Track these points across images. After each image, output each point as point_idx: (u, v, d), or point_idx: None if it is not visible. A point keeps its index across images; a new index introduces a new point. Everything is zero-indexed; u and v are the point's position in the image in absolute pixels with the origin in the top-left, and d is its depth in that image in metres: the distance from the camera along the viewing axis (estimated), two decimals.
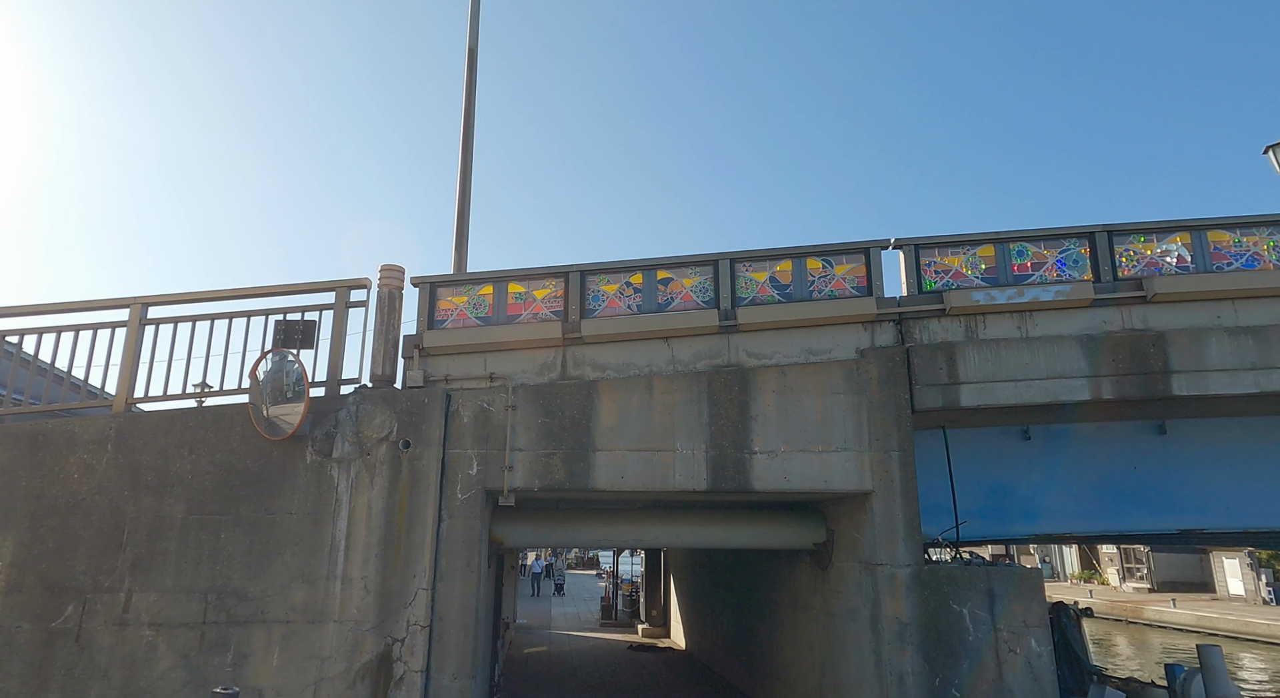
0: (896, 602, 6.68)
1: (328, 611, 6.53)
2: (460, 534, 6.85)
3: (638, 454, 7.15)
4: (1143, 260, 7.53)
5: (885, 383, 7.21)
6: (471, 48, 9.40)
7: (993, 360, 7.26)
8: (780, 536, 8.47)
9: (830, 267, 7.74)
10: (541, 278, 7.81)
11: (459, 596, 6.68)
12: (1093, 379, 7.13)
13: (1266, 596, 31.07)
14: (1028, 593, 6.60)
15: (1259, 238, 7.46)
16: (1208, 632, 26.33)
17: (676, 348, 7.61)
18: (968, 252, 7.71)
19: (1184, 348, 7.10)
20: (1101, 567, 41.79)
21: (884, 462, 7.03)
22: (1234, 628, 26.27)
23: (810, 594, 8.58)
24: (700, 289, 7.73)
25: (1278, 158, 10.14)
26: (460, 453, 7.08)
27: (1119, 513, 8.53)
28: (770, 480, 7.06)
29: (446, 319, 7.77)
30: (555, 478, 7.09)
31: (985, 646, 6.46)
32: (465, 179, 9.05)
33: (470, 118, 9.13)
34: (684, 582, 17.75)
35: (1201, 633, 26.02)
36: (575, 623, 22.98)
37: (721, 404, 7.23)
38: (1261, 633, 25.18)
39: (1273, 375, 6.96)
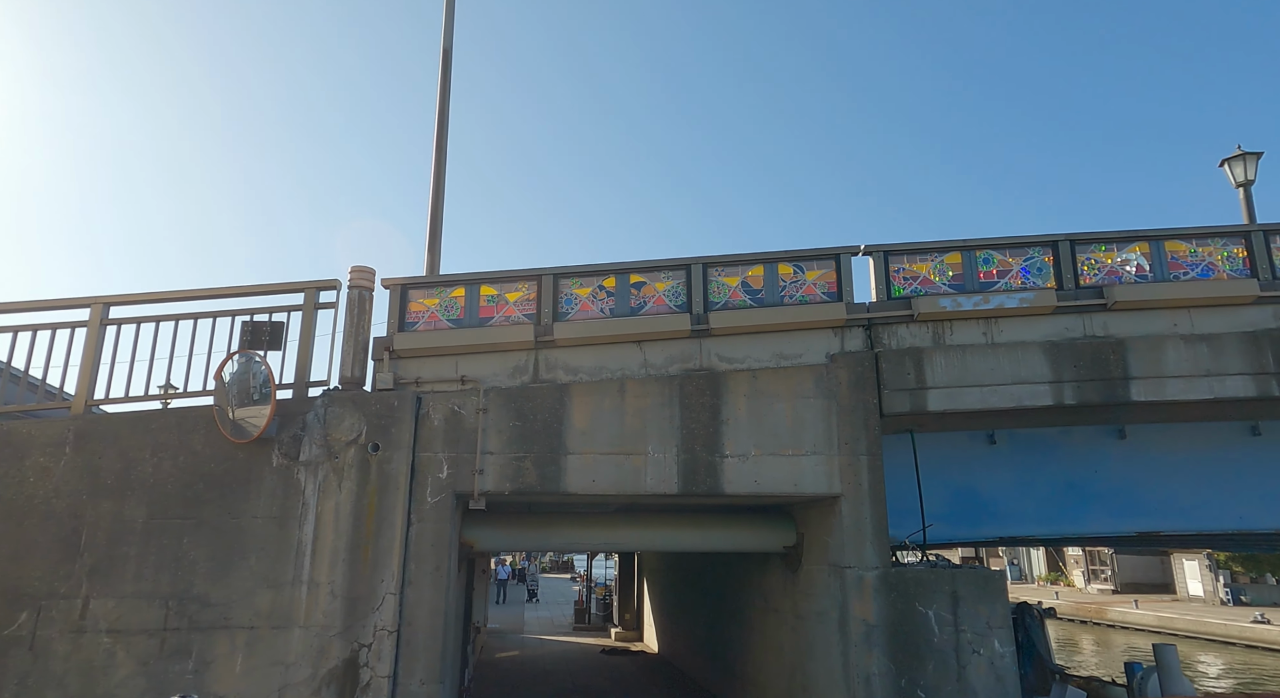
0: (864, 604, 6.76)
1: (293, 616, 6.44)
2: (430, 538, 6.79)
3: (609, 458, 7.15)
4: (1103, 269, 7.72)
5: (855, 387, 7.30)
6: (446, 47, 9.35)
7: (959, 366, 7.39)
8: (751, 539, 8.53)
9: (801, 272, 7.82)
10: (514, 280, 7.79)
11: (428, 600, 6.63)
12: (1055, 385, 7.29)
13: (1224, 596, 31.90)
14: (991, 595, 6.72)
15: (1213, 248, 7.69)
16: (1168, 632, 26.96)
17: (649, 351, 7.63)
18: (935, 259, 7.84)
19: (1142, 355, 7.28)
20: (1067, 569, 42.61)
21: (853, 465, 7.11)
22: (1192, 628, 26.93)
23: (781, 597, 8.65)
24: (673, 293, 7.77)
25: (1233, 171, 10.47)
26: (431, 456, 7.03)
27: (1081, 515, 8.72)
28: (741, 484, 7.11)
29: (418, 321, 7.72)
30: (527, 481, 7.07)
31: (950, 647, 6.57)
32: (439, 180, 9.00)
33: (444, 118, 9.08)
34: (657, 585, 17.77)
35: (1162, 633, 26.64)
36: (548, 627, 22.88)
37: (693, 408, 7.26)
38: (1218, 633, 25.85)
39: (1226, 382, 7.17)
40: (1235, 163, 10.79)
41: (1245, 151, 10.75)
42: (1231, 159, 10.83)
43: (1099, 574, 39.26)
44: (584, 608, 24.30)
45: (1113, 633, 29.25)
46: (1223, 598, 31.89)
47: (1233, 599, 31.51)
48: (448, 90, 9.19)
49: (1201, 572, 33.68)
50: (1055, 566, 43.94)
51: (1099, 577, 39.17)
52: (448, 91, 9.19)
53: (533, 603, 29.79)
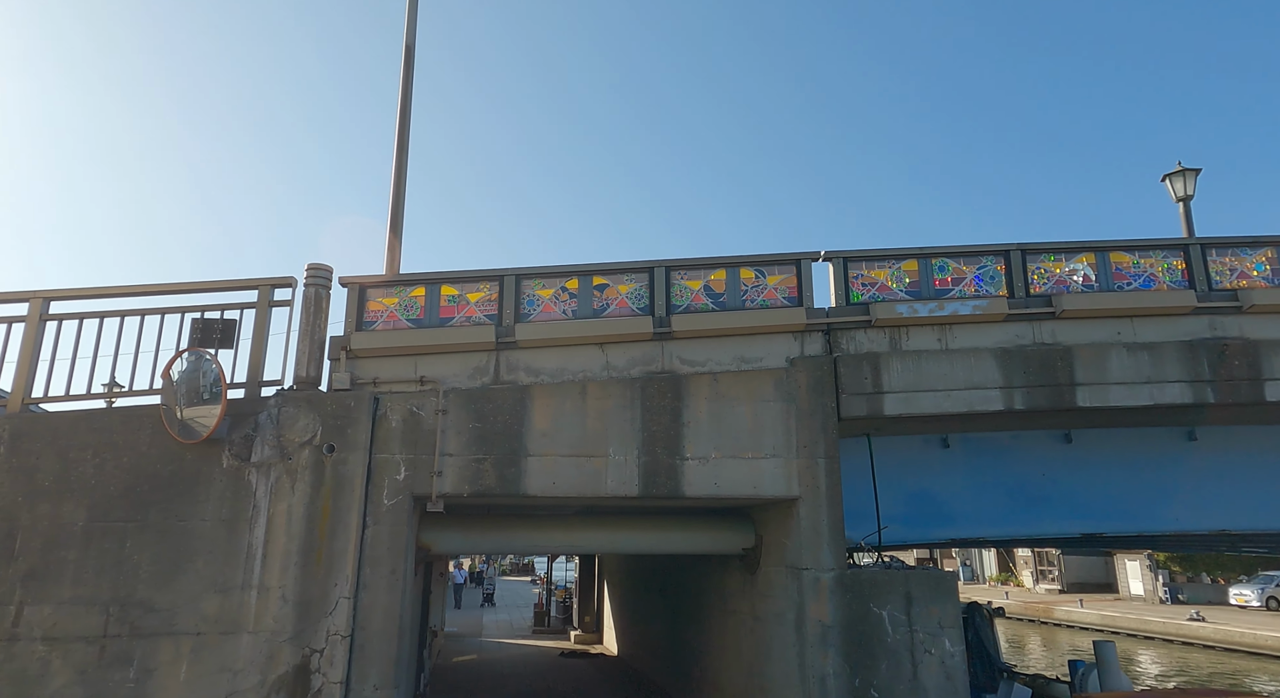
0: (820, 605, 6.86)
1: (242, 621, 6.27)
2: (386, 541, 6.68)
3: (570, 460, 7.13)
4: (1053, 278, 7.97)
5: (814, 391, 7.40)
6: (409, 44, 9.23)
7: (915, 371, 7.55)
8: (711, 541, 8.58)
9: (763, 277, 7.91)
10: (476, 281, 7.72)
11: (383, 604, 6.51)
12: (1006, 390, 7.49)
13: (1163, 595, 33.17)
14: (943, 595, 6.88)
15: (1155, 260, 8.00)
16: (1111, 630, 27.91)
17: (611, 354, 7.63)
18: (893, 266, 8.01)
19: (1088, 362, 7.54)
20: (1017, 569, 43.83)
21: (811, 468, 7.21)
22: (1134, 626, 27.94)
23: (739, 599, 8.71)
24: (635, 296, 7.79)
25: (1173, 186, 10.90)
26: (388, 458, 6.92)
27: (1029, 517, 8.97)
28: (701, 486, 7.15)
29: (376, 321, 7.59)
30: (486, 483, 7.00)
31: (903, 646, 6.70)
32: (400, 178, 8.87)
33: (406, 115, 8.95)
34: (618, 588, 17.76)
35: (1105, 631, 27.56)
36: (507, 630, 22.68)
37: (655, 411, 7.28)
38: (1157, 630, 26.86)
39: (1165, 389, 7.46)
40: (1175, 178, 11.24)
41: (1185, 168, 11.21)
42: (1172, 174, 11.28)
43: (1047, 574, 40.48)
44: (543, 611, 24.17)
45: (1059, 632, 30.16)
46: (1162, 597, 33.15)
47: (1171, 598, 32.78)
48: (410, 87, 9.07)
49: (1142, 572, 34.97)
50: (1006, 566, 45.16)
51: (1047, 577, 40.38)
52: (410, 88, 9.07)
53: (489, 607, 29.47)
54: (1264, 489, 8.65)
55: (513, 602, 32.92)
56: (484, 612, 28.63)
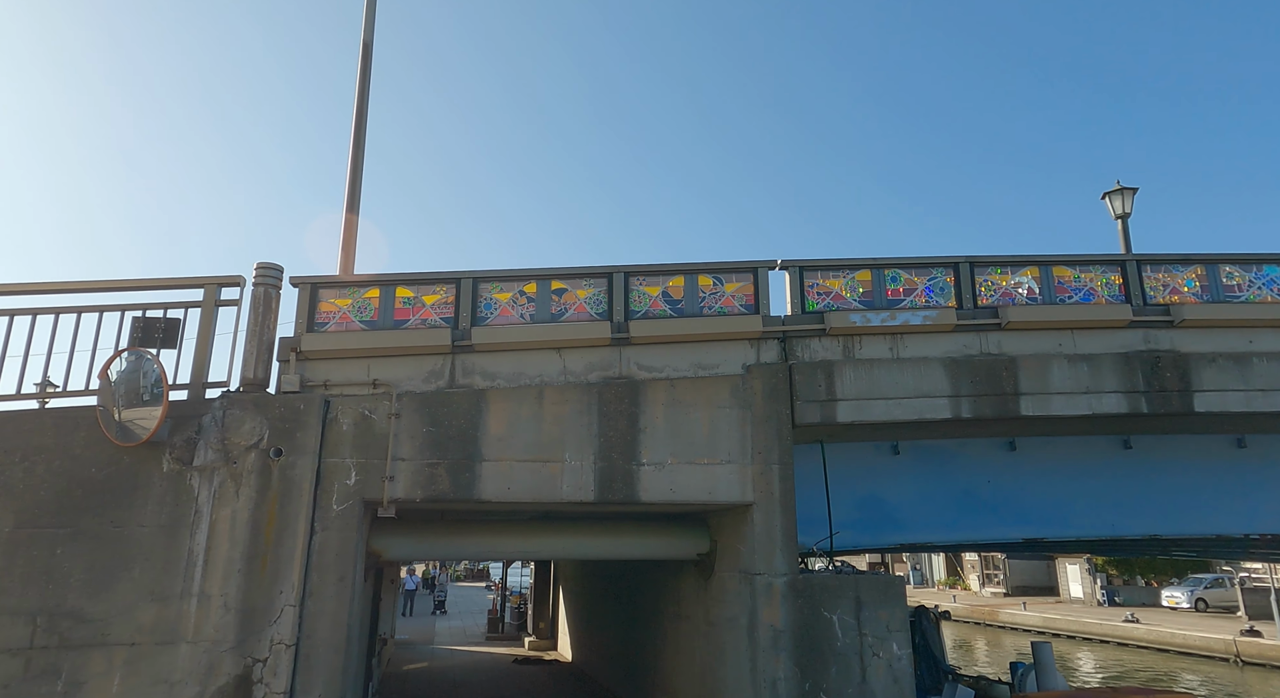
0: (772, 610, 6.93)
1: (181, 631, 6.05)
2: (334, 547, 6.53)
3: (526, 465, 7.08)
4: (999, 290, 8.23)
5: (769, 398, 7.49)
6: (366, 41, 9.08)
7: (867, 379, 7.70)
8: (666, 546, 8.60)
9: (721, 284, 7.99)
10: (432, 283, 7.63)
11: (330, 612, 6.36)
12: (954, 399, 7.70)
13: (1101, 598, 34.40)
14: (892, 600, 7.02)
15: (1094, 275, 8.33)
16: (1052, 632, 28.83)
17: (569, 359, 7.61)
18: (847, 275, 8.17)
19: (1031, 372, 7.80)
20: (964, 573, 44.97)
21: (765, 474, 7.29)
22: (1073, 628, 28.91)
23: (693, 604, 8.75)
24: (594, 301, 7.78)
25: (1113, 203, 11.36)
26: (338, 462, 6.77)
27: (975, 523, 9.22)
28: (657, 492, 7.17)
29: (329, 322, 7.43)
30: (439, 488, 6.91)
31: (852, 650, 6.81)
32: (355, 177, 8.71)
33: (363, 113, 8.80)
34: (573, 593, 17.66)
35: (1046, 633, 28.45)
36: (460, 637, 22.35)
37: (611, 416, 7.28)
38: (1095, 632, 27.84)
39: (1103, 399, 7.76)
40: (1115, 196, 11.72)
41: (1123, 187, 11.70)
42: (1111, 193, 11.77)
43: (992, 578, 41.63)
44: (498, 617, 23.89)
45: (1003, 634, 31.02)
46: (1099, 599, 34.38)
47: (1108, 600, 34.02)
48: (367, 86, 8.92)
49: (1082, 575, 36.23)
50: (954, 570, 46.30)
51: (992, 581, 41.52)
52: (367, 87, 8.92)
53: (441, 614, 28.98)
54: (1192, 496, 9.05)
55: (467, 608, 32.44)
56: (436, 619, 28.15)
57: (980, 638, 30.50)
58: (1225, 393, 7.79)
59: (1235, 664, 22.07)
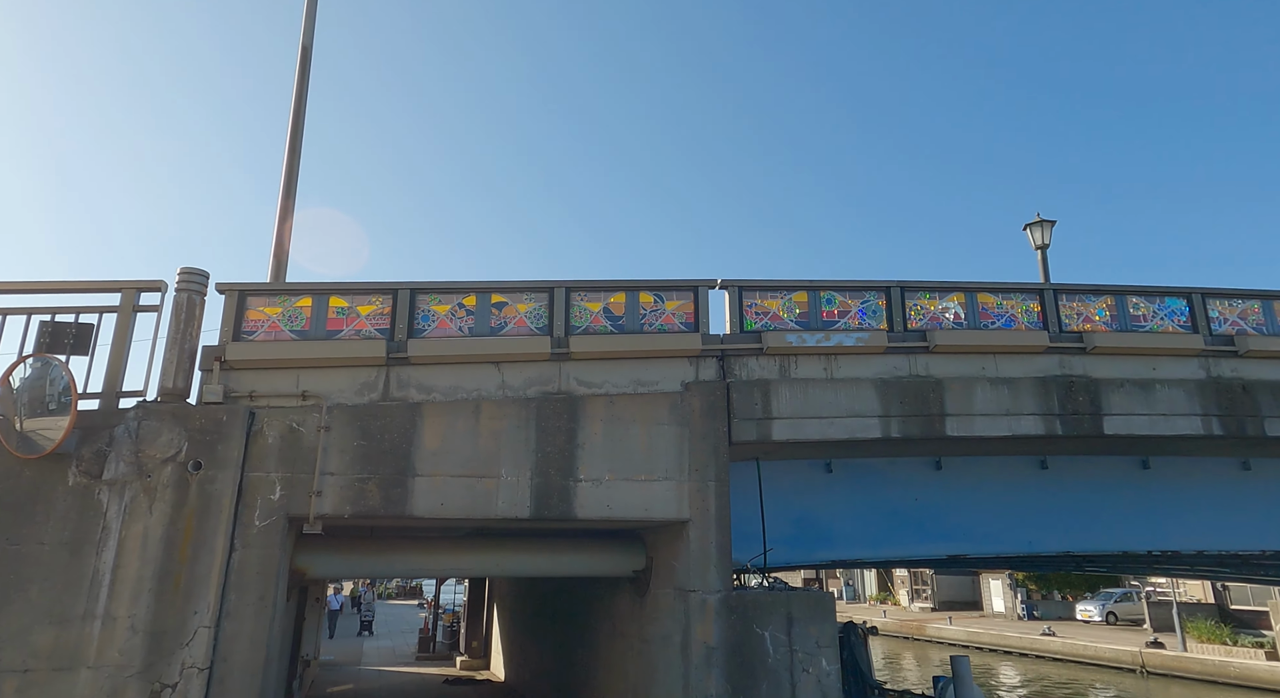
0: (706, 627, 6.96)
1: (81, 655, 5.68)
2: (255, 565, 6.26)
3: (461, 480, 6.96)
4: (928, 314, 8.56)
5: (706, 416, 7.58)
6: (306, 45, 8.87)
7: (802, 398, 7.88)
8: (602, 563, 8.56)
9: (661, 301, 8.06)
10: (368, 293, 7.46)
11: (248, 633, 6.08)
12: (884, 419, 7.94)
13: (1021, 612, 35.77)
14: (822, 615, 7.14)
15: (1016, 302, 8.75)
16: (976, 646, 29.79)
17: (507, 373, 7.54)
18: (785, 296, 8.36)
19: (957, 394, 8.12)
20: (895, 589, 46.11)
21: (702, 491, 7.35)
22: (995, 642, 29.94)
23: (628, 621, 8.72)
24: (534, 315, 7.75)
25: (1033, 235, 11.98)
26: (262, 476, 6.51)
27: (903, 540, 9.49)
28: (594, 509, 7.14)
29: (257, 331, 7.17)
30: (370, 504, 6.72)
31: (783, 667, 6.89)
32: (290, 183, 8.46)
33: (300, 117, 8.57)
34: (507, 611, 17.35)
35: (971, 647, 29.39)
36: (389, 658, 21.63)
37: (550, 431, 7.23)
38: (1015, 645, 28.90)
39: (1022, 421, 8.14)
40: (1035, 228, 12.38)
41: (1042, 219, 12.37)
42: (1031, 224, 12.42)
43: (921, 593, 42.80)
44: (429, 636, 23.23)
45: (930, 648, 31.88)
46: (1020, 613, 35.75)
47: (1028, 614, 35.39)
48: (305, 89, 8.71)
49: (1004, 590, 37.62)
50: (885, 586, 47.43)
51: (921, 596, 42.69)
52: (305, 91, 8.71)
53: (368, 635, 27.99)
54: (1102, 514, 9.54)
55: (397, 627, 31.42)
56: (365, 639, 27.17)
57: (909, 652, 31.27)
58: (1131, 417, 8.27)
59: (1141, 675, 23.24)
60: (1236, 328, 8.93)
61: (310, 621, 15.35)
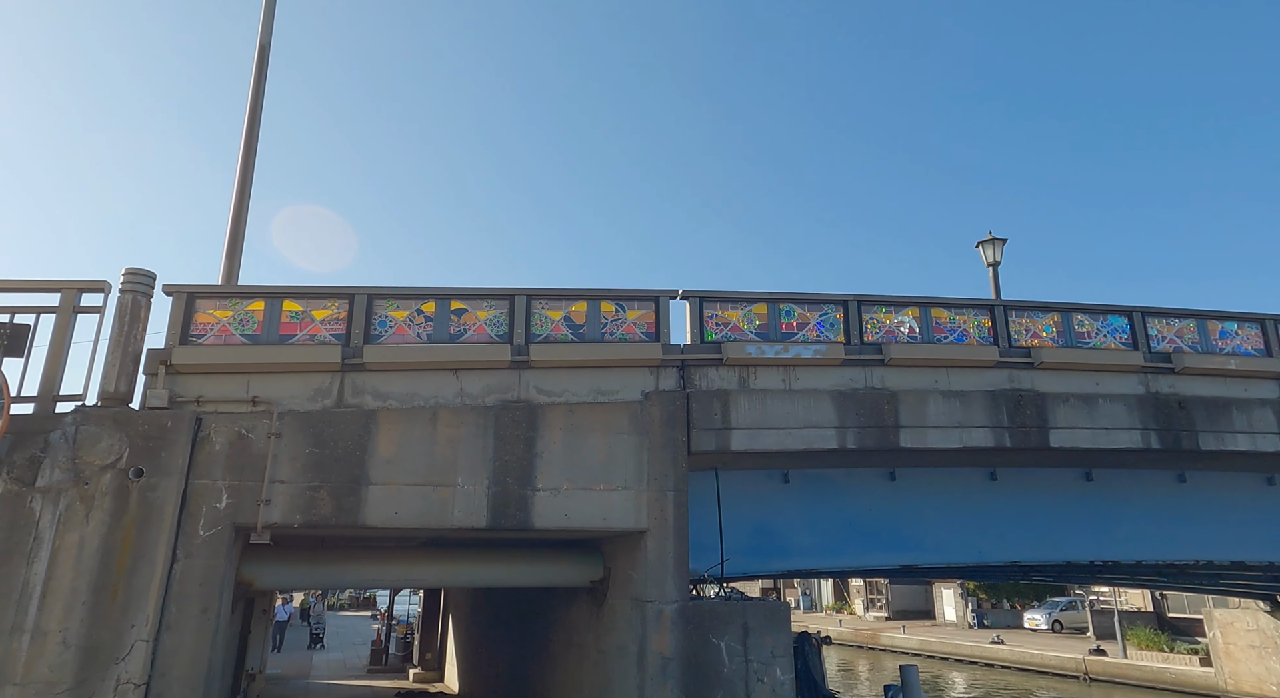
0: (662, 637, 6.95)
1: (7, 672, 5.42)
2: (198, 576, 6.06)
3: (416, 489, 6.84)
4: (883, 328, 8.73)
5: (666, 425, 7.60)
6: (263, 44, 8.70)
7: (761, 409, 7.96)
8: (559, 573, 8.49)
9: (623, 311, 8.08)
10: (323, 298, 7.31)
11: (189, 647, 5.87)
12: (840, 430, 8.07)
13: (972, 620, 36.51)
14: (777, 625, 7.19)
15: (967, 318, 8.99)
16: (928, 654, 30.30)
17: (466, 381, 7.46)
18: (745, 308, 8.45)
19: (910, 407, 8.29)
20: (850, 598, 46.67)
21: (660, 501, 7.36)
22: (947, 650, 30.49)
23: (585, 632, 8.65)
24: (494, 323, 7.69)
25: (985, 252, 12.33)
26: (208, 484, 6.31)
27: (858, 550, 9.62)
28: (552, 518, 7.09)
29: (206, 334, 6.97)
30: (321, 513, 6.56)
31: (738, 677, 6.92)
32: (245, 181, 8.26)
33: (256, 116, 8.38)
34: (463, 622, 17.07)
35: (923, 655, 29.89)
36: (339, 670, 21.08)
37: (508, 440, 7.17)
38: (965, 653, 29.47)
39: (972, 433, 8.34)
40: (987, 245, 12.75)
41: (994, 237, 12.75)
42: (984, 242, 12.79)
43: (876, 603, 43.39)
44: (381, 648, 22.71)
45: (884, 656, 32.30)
46: (970, 622, 36.48)
47: (978, 623, 36.14)
48: (262, 88, 8.53)
49: (955, 599, 38.36)
50: (841, 595, 47.97)
51: (876, 605, 43.28)
52: (262, 89, 8.53)
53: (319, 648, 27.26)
54: (1048, 525, 9.82)
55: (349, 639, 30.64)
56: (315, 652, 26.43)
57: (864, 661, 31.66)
58: (1076, 430, 8.54)
59: (1084, 681, 23.91)
60: (1174, 346, 9.31)
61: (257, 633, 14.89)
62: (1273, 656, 18.50)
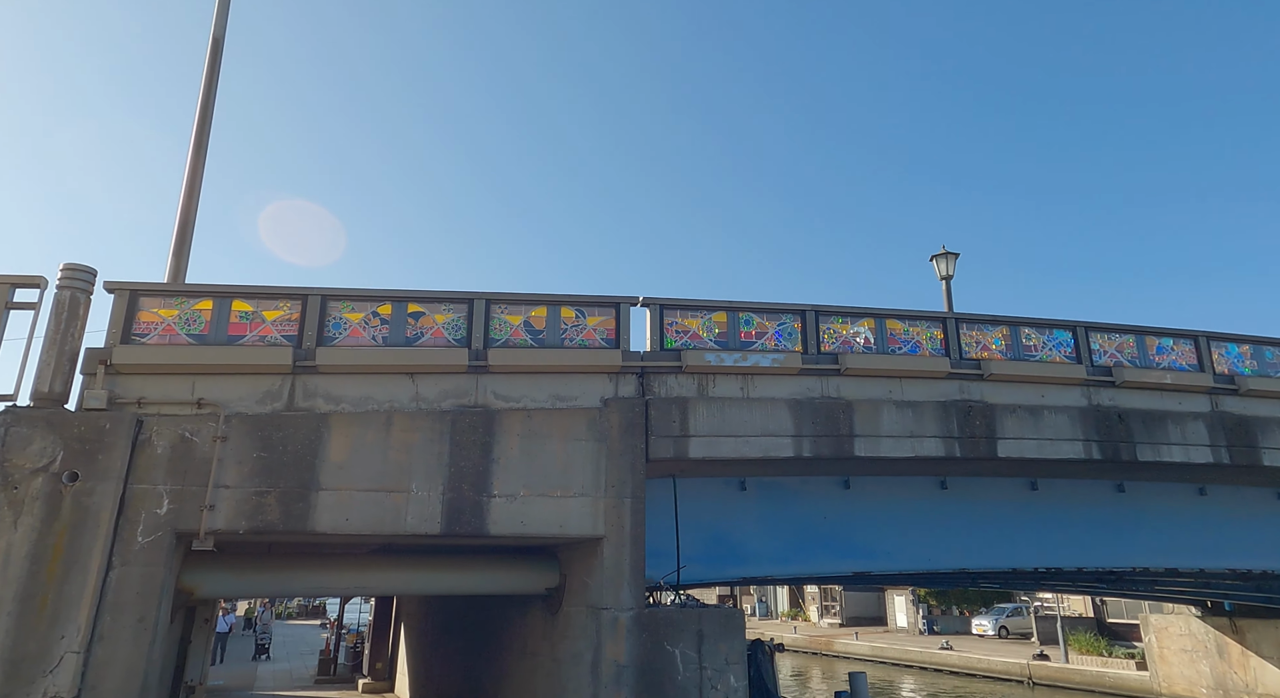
0: (617, 645, 6.92)
1: None
2: (135, 584, 5.83)
3: (368, 494, 6.70)
4: (840, 338, 8.88)
5: (625, 432, 7.59)
6: (217, 36, 8.46)
7: (719, 417, 8.00)
8: (515, 581, 8.40)
9: (583, 317, 8.05)
10: (275, 298, 7.13)
11: (124, 658, 5.64)
12: (797, 438, 8.16)
13: (922, 627, 37.21)
14: (731, 633, 7.22)
15: (921, 329, 9.20)
16: (879, 660, 30.77)
17: (422, 385, 7.34)
18: (705, 316, 8.50)
19: (865, 416, 8.43)
20: (805, 605, 47.14)
21: (617, 508, 7.34)
22: (898, 656, 30.99)
23: (539, 640, 8.56)
24: (453, 326, 7.59)
25: (938, 266, 12.64)
26: (148, 489, 6.09)
27: (811, 557, 9.73)
28: (507, 525, 7.01)
29: (150, 333, 6.73)
30: (268, 519, 6.38)
31: (692, 683, 6.92)
32: (195, 177, 8.01)
33: (208, 110, 8.14)
34: (415, 630, 16.74)
35: (875, 661, 30.34)
36: (285, 682, 20.46)
37: (464, 445, 7.08)
38: (915, 659, 30.01)
39: (924, 442, 8.52)
40: (940, 259, 13.08)
41: (947, 251, 13.09)
42: (937, 256, 13.12)
43: (830, 610, 43.90)
44: (330, 658, 22.13)
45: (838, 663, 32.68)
46: (921, 628, 37.16)
47: (928, 629, 36.84)
48: (215, 81, 8.29)
49: (907, 606, 39.06)
50: (796, 602, 48.42)
51: (830, 612, 43.78)
52: (214, 83, 8.30)
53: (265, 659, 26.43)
54: (995, 533, 10.08)
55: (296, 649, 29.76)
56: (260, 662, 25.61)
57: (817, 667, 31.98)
58: (1022, 441, 8.80)
59: (1028, 686, 24.56)
60: (1114, 360, 9.67)
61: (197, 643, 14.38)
62: (1203, 659, 19.27)
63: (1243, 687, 18.30)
